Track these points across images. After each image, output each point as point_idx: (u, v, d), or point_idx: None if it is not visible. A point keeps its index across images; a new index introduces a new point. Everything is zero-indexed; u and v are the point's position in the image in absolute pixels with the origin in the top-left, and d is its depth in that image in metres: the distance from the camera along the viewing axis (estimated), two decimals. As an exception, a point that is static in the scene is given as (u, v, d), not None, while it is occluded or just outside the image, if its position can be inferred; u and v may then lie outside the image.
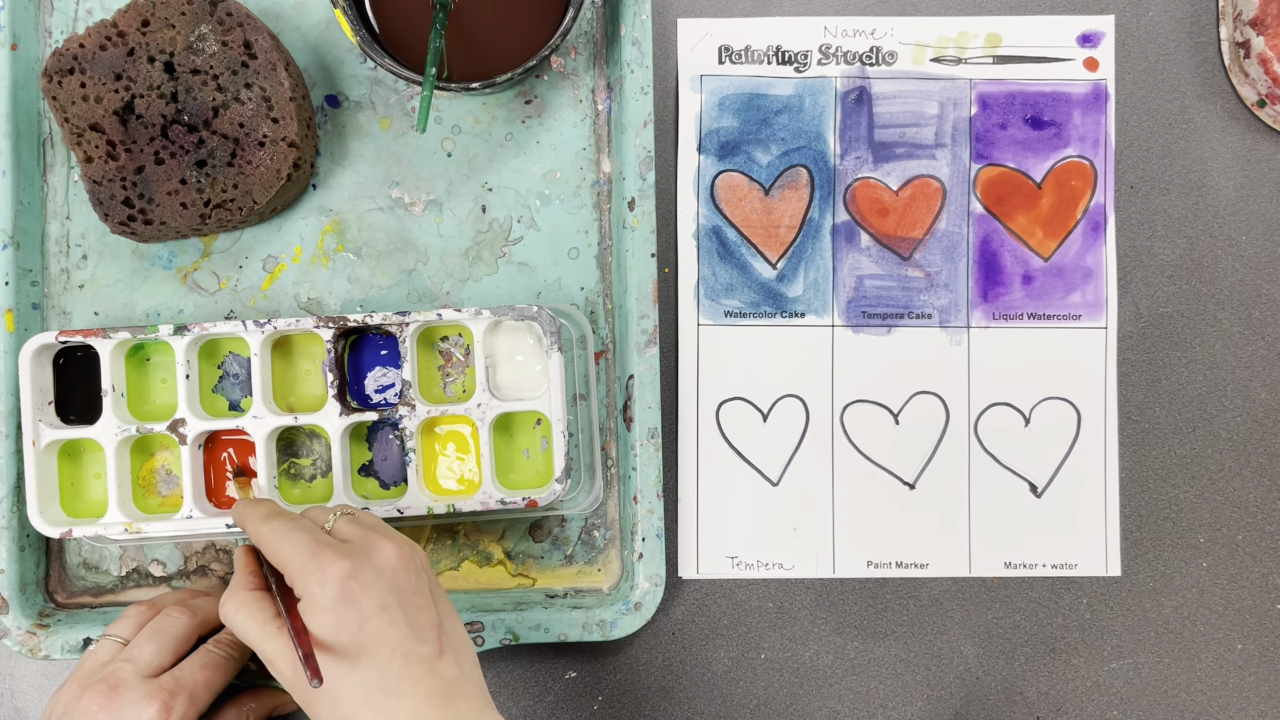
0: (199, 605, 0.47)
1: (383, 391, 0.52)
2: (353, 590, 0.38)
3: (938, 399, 0.54)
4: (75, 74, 0.48)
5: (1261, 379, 0.54)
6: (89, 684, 0.43)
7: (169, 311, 0.52)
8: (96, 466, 0.51)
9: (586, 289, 0.53)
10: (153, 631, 0.46)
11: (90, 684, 0.43)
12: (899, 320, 0.54)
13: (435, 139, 0.53)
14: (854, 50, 0.54)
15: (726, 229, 0.54)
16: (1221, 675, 0.54)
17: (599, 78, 0.53)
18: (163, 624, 0.46)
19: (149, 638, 0.45)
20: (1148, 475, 0.54)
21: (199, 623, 0.47)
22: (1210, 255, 0.55)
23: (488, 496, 0.49)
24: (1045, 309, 0.54)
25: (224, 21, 0.48)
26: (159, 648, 0.45)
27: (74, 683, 0.44)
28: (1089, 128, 0.54)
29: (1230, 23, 0.54)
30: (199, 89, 0.48)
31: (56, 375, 0.50)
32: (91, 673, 0.44)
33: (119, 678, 0.43)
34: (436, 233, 0.53)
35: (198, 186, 0.48)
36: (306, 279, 0.53)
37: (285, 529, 0.41)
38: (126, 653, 0.45)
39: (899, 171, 0.54)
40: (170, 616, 0.46)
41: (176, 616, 0.46)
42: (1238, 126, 0.55)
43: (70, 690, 0.44)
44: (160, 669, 0.44)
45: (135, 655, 0.44)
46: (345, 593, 0.38)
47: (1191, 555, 0.54)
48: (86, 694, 0.43)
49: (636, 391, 0.50)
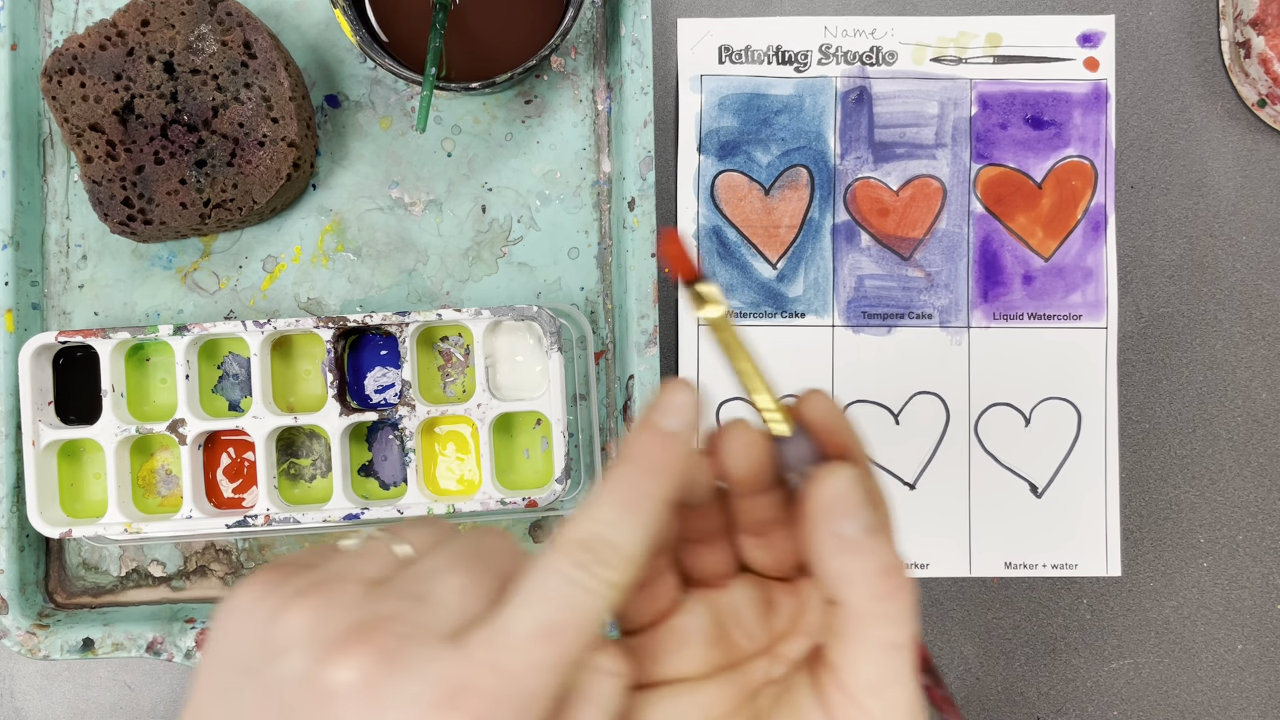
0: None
1: (382, 392, 0.52)
2: None
3: (938, 399, 0.54)
4: (75, 74, 0.48)
5: (1262, 379, 0.54)
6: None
7: (169, 312, 0.52)
8: (96, 467, 0.51)
9: (586, 289, 0.53)
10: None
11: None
12: (899, 320, 0.54)
13: (435, 139, 0.53)
14: (854, 50, 0.54)
15: (726, 229, 0.54)
16: (1222, 675, 0.54)
17: (599, 77, 0.53)
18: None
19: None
20: (1148, 475, 0.54)
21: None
22: (1211, 255, 0.55)
23: (487, 497, 0.49)
24: (1046, 309, 0.54)
25: (224, 21, 0.48)
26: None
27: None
28: (1089, 128, 0.54)
29: (1231, 22, 0.54)
30: (199, 89, 0.48)
31: (56, 375, 0.50)
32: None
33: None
34: (436, 233, 0.53)
35: (197, 186, 0.48)
36: (306, 279, 0.52)
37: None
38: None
39: (899, 171, 0.54)
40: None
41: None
42: (1238, 126, 0.55)
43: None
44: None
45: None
46: None
47: (1192, 555, 0.54)
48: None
49: (636, 392, 0.50)
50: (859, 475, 0.27)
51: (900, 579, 0.26)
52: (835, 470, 0.27)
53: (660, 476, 0.27)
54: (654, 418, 0.28)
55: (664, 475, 0.27)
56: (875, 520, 0.26)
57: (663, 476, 0.27)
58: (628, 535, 0.26)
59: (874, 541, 0.26)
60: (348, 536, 0.28)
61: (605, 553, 0.25)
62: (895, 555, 0.26)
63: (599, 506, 0.26)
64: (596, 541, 0.25)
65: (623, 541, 0.25)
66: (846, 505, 0.26)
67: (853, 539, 0.26)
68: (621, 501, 0.26)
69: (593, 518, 0.26)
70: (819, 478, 0.27)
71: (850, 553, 0.26)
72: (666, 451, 0.27)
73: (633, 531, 0.26)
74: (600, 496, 0.26)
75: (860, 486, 0.26)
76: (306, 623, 0.24)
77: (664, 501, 0.26)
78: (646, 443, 0.27)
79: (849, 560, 0.26)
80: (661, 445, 0.27)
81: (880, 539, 0.26)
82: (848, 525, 0.26)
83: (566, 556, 0.25)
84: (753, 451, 0.28)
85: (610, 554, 0.25)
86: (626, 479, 0.26)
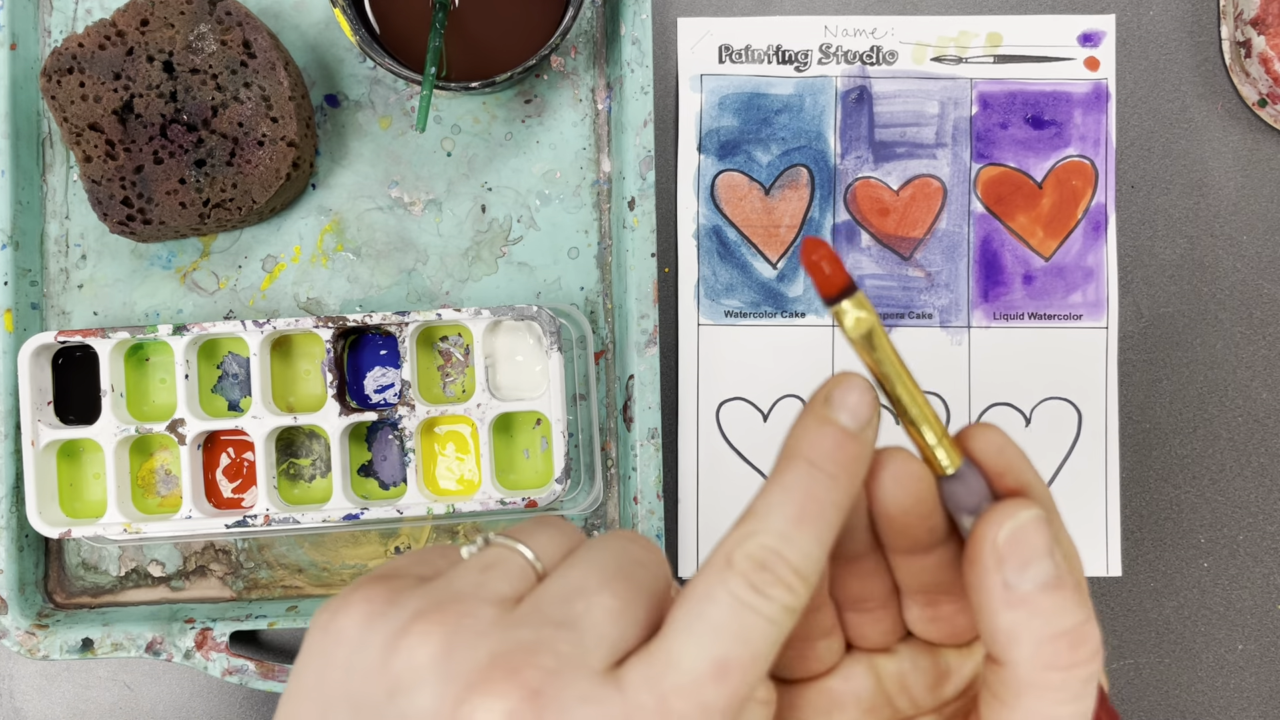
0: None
1: (382, 391, 0.52)
2: None
3: (938, 399, 0.54)
4: (74, 73, 0.48)
5: (1263, 379, 0.54)
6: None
7: (168, 311, 0.52)
8: (95, 467, 0.51)
9: (586, 289, 0.53)
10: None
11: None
12: (900, 320, 0.54)
13: (435, 138, 0.53)
14: (854, 49, 0.54)
15: (727, 229, 0.54)
16: (1223, 676, 0.54)
17: (599, 77, 0.53)
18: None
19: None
20: (1148, 475, 0.54)
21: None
22: (1211, 255, 0.55)
23: (487, 497, 0.49)
24: (1046, 309, 0.54)
25: (223, 21, 0.48)
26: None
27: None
28: (1090, 127, 0.54)
29: (1231, 22, 0.54)
30: (198, 88, 0.48)
31: (55, 375, 0.50)
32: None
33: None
34: (436, 232, 0.53)
35: (197, 186, 0.48)
36: (306, 279, 0.52)
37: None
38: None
39: (899, 171, 0.54)
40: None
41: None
42: (1239, 126, 0.55)
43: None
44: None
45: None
46: None
47: (1192, 556, 0.54)
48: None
49: (636, 392, 0.50)
50: (1042, 516, 0.23)
51: (1083, 649, 0.22)
52: (1012, 506, 0.23)
53: (841, 482, 0.22)
54: (829, 412, 0.23)
55: (845, 481, 0.23)
56: (1057, 573, 0.22)
57: (844, 482, 0.23)
58: (805, 552, 0.22)
59: (1053, 599, 0.22)
60: (464, 539, 0.24)
61: (783, 572, 0.21)
62: (1081, 618, 0.22)
63: (771, 517, 0.22)
64: (773, 559, 0.21)
65: (800, 559, 0.22)
66: (1023, 550, 0.22)
67: (1026, 593, 0.22)
68: (798, 512, 0.22)
69: (767, 529, 0.22)
70: (991, 515, 0.23)
71: (1022, 608, 0.22)
72: (845, 452, 0.23)
73: (811, 548, 0.22)
74: (771, 504, 0.22)
75: (1043, 530, 0.22)
76: (435, 653, 0.20)
77: (844, 513, 0.23)
78: (823, 440, 0.23)
79: (1019, 618, 0.22)
80: (840, 444, 0.23)
81: (1062, 596, 0.22)
82: (1022, 575, 0.22)
83: (737, 576, 0.21)
84: (917, 486, 0.24)
85: (789, 574, 0.21)
86: (801, 484, 0.22)
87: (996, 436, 0.25)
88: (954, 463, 0.24)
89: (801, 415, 0.23)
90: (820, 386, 0.24)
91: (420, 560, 0.24)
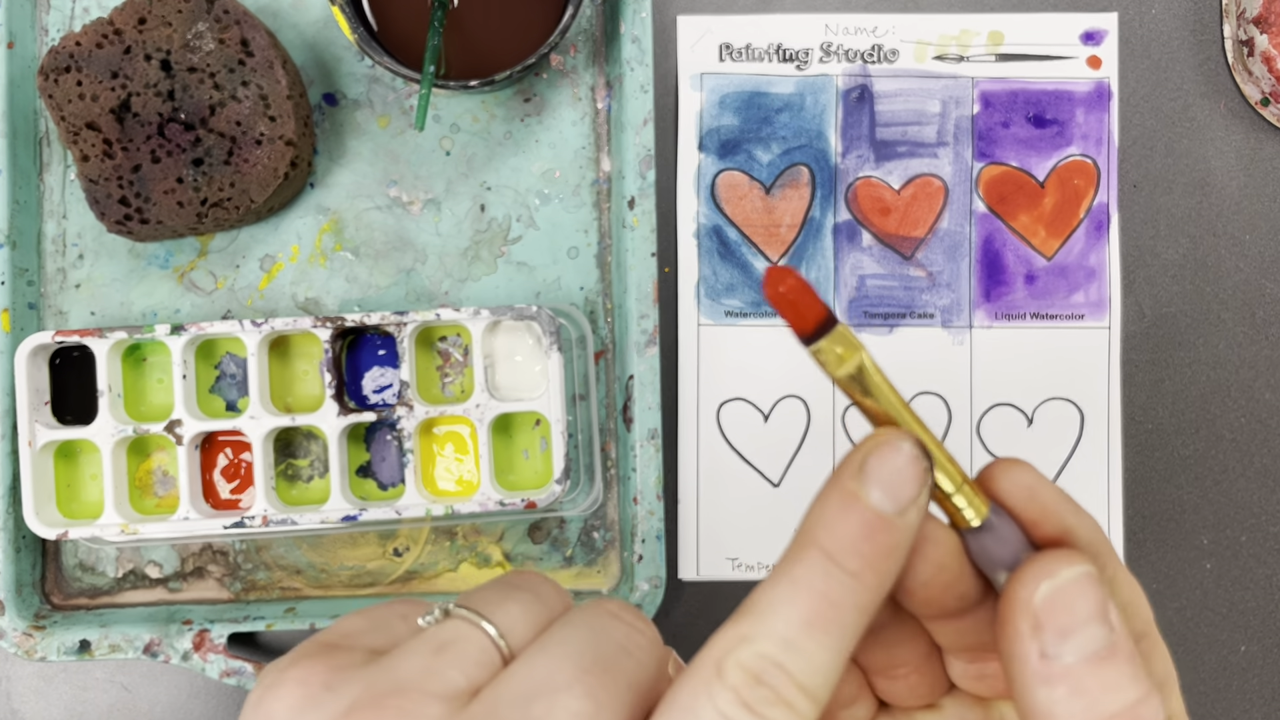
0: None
1: (381, 392, 0.52)
2: None
3: (940, 399, 0.54)
4: (71, 72, 0.48)
5: (1265, 379, 0.54)
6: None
7: (166, 311, 0.52)
8: (93, 467, 0.51)
9: (586, 289, 0.52)
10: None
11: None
12: (901, 320, 0.54)
13: (433, 137, 0.52)
14: (855, 48, 0.54)
15: (727, 228, 0.53)
16: (1225, 677, 0.54)
17: (598, 76, 0.53)
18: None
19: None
20: (1151, 476, 0.54)
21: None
22: (1214, 254, 0.54)
23: (486, 498, 0.48)
24: (1048, 309, 0.54)
25: (221, 19, 0.48)
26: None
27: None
28: (1092, 126, 0.54)
29: (1234, 21, 0.54)
30: (196, 87, 0.48)
31: (53, 375, 0.50)
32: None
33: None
34: (435, 232, 0.52)
35: (194, 185, 0.48)
36: (304, 278, 0.52)
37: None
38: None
39: (901, 170, 0.54)
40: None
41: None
42: (1241, 125, 0.54)
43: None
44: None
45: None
46: None
47: (1195, 557, 0.54)
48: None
49: (636, 392, 0.50)
50: (1090, 573, 0.19)
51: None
52: (1051, 561, 0.19)
53: (866, 582, 0.18)
54: (860, 486, 0.19)
55: (872, 580, 0.18)
56: (1109, 640, 0.18)
57: (870, 582, 0.18)
58: (815, 665, 0.18)
59: (1103, 673, 0.18)
60: (421, 607, 0.20)
61: (785, 689, 0.17)
62: (1136, 695, 0.18)
63: (774, 619, 0.18)
64: (772, 672, 0.17)
65: (807, 674, 0.18)
66: (1065, 615, 0.18)
67: (1068, 666, 0.18)
68: (807, 615, 0.18)
69: (767, 633, 0.18)
70: (1025, 572, 0.19)
71: (1061, 684, 0.18)
72: (875, 545, 0.18)
73: (822, 660, 0.18)
74: (775, 603, 0.18)
75: (1091, 588, 0.18)
76: None
77: (869, 617, 0.18)
78: (846, 527, 0.18)
79: (1058, 696, 0.18)
80: (869, 534, 0.18)
81: (1114, 669, 0.18)
82: (1063, 644, 0.18)
83: (728, 690, 0.17)
84: (936, 552, 0.20)
85: (792, 691, 0.17)
86: (814, 581, 0.18)
87: (1025, 475, 0.21)
88: (979, 513, 0.20)
89: (825, 487, 0.19)
90: (856, 447, 0.19)
91: (375, 625, 0.20)
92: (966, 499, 0.20)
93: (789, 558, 0.19)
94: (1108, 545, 0.21)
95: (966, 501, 0.20)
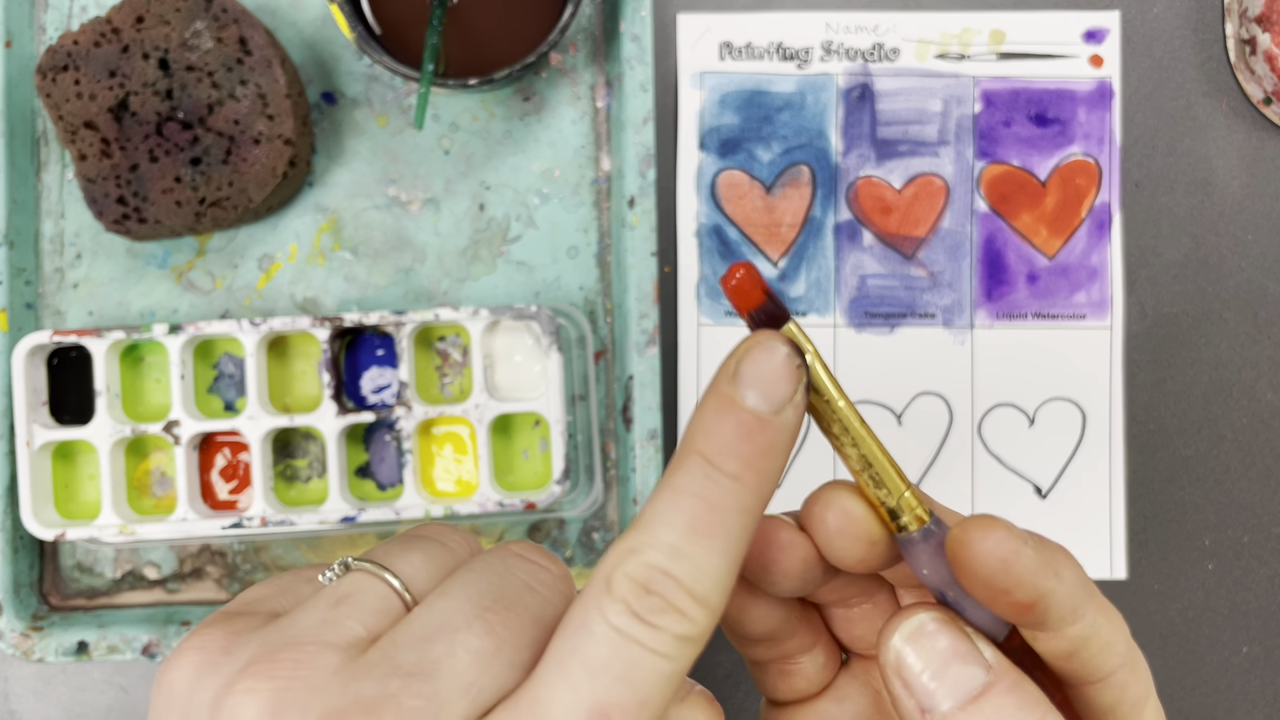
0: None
1: (379, 392, 0.51)
2: None
3: (941, 400, 0.53)
4: (69, 71, 0.47)
5: (1267, 379, 0.54)
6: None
7: (164, 311, 0.52)
8: (90, 468, 0.51)
9: (586, 288, 0.52)
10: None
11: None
12: (902, 320, 0.53)
13: (433, 136, 0.52)
14: (856, 47, 0.53)
15: (727, 227, 0.53)
16: (1227, 678, 0.54)
17: (598, 74, 0.53)
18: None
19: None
20: (1153, 477, 0.54)
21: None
22: (1216, 254, 0.54)
23: (486, 499, 0.48)
24: (1050, 308, 0.54)
25: (219, 18, 0.47)
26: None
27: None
28: (1094, 125, 0.54)
29: (1236, 19, 0.54)
30: (194, 86, 0.47)
31: (50, 375, 0.50)
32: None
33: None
34: (434, 231, 0.52)
35: (192, 184, 0.48)
36: (302, 278, 0.52)
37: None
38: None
39: (902, 169, 0.53)
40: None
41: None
42: (1244, 124, 0.54)
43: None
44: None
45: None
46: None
47: (1197, 558, 0.54)
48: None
49: (636, 392, 0.50)
50: (936, 618, 0.18)
51: None
52: (897, 618, 0.19)
53: (747, 482, 0.18)
54: (734, 389, 0.18)
55: (753, 481, 0.18)
56: (980, 678, 0.18)
57: (751, 482, 0.18)
58: (702, 569, 0.18)
59: (981, 713, 0.17)
60: (326, 564, 0.20)
61: (674, 595, 0.17)
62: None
63: (660, 526, 0.18)
64: (660, 580, 0.17)
65: (695, 578, 0.18)
66: (928, 661, 0.18)
67: (946, 714, 0.18)
68: (693, 520, 0.18)
69: (652, 543, 0.18)
70: (882, 635, 0.19)
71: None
72: (752, 445, 0.18)
73: (709, 563, 0.18)
74: (660, 511, 0.18)
75: (943, 631, 0.18)
76: (260, 713, 0.17)
77: (755, 518, 0.19)
78: (722, 429, 0.18)
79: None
80: (745, 434, 0.18)
81: (993, 702, 0.17)
82: (936, 696, 0.18)
83: (617, 602, 0.17)
84: (866, 541, 0.20)
85: (681, 597, 0.17)
86: (694, 487, 0.18)
87: (999, 547, 0.19)
88: (919, 521, 0.20)
89: (704, 395, 0.19)
90: (731, 352, 0.19)
91: (281, 589, 0.20)
92: (908, 508, 0.20)
93: (671, 467, 0.18)
94: (1085, 595, 0.20)
95: (907, 510, 0.20)
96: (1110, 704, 0.20)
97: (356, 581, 0.19)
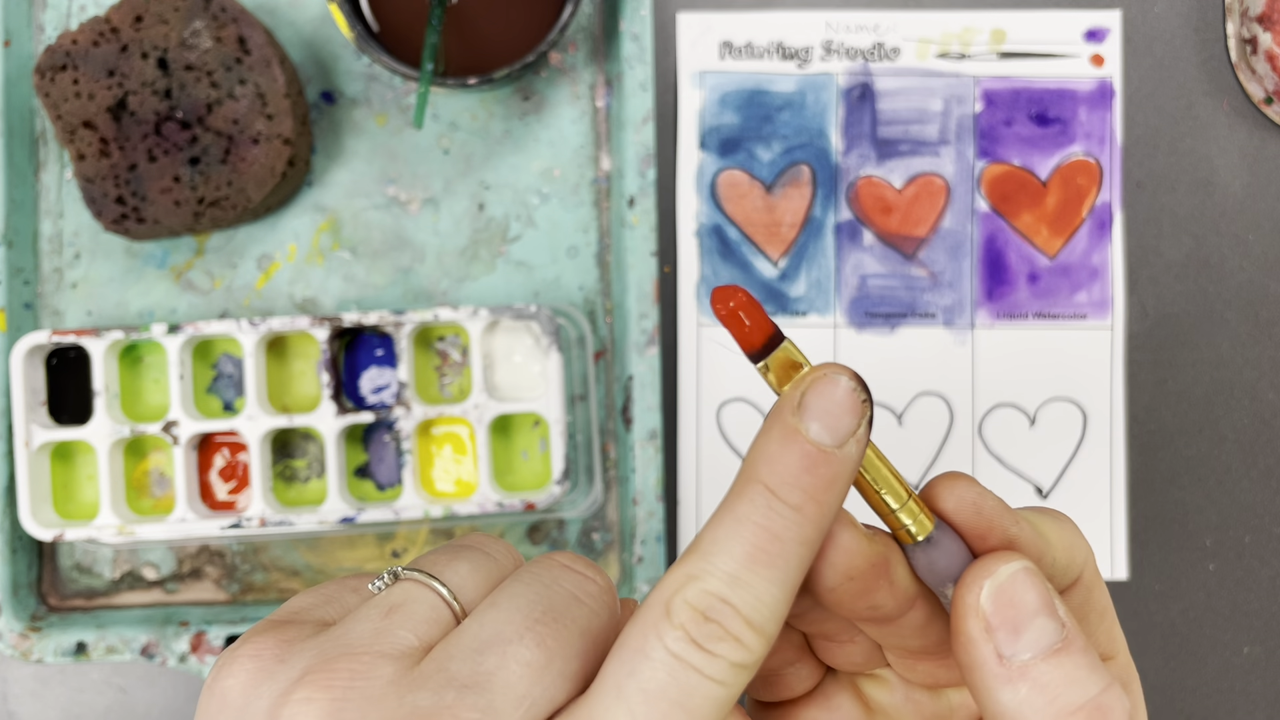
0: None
1: (379, 392, 0.51)
2: None
3: (942, 400, 0.53)
4: (68, 70, 0.47)
5: (1269, 379, 0.54)
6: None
7: (162, 311, 0.52)
8: (89, 468, 0.51)
9: (585, 288, 0.52)
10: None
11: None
12: (903, 319, 0.53)
13: (432, 136, 0.52)
14: (857, 46, 0.53)
15: (728, 227, 0.53)
16: (1228, 679, 0.53)
17: (598, 74, 0.53)
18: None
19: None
20: (1154, 477, 0.54)
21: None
22: (1217, 254, 0.54)
23: (485, 499, 0.48)
24: (1051, 308, 0.53)
25: (218, 17, 0.47)
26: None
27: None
28: (1095, 125, 0.54)
29: (1237, 19, 0.54)
30: (192, 85, 0.47)
31: (49, 375, 0.50)
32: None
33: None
34: (433, 231, 0.52)
35: (191, 184, 0.48)
36: (301, 278, 0.52)
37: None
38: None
39: (902, 169, 0.53)
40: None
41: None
42: (1245, 124, 0.54)
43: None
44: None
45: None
46: None
47: (1198, 558, 0.54)
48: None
49: (636, 392, 0.50)
50: (1029, 568, 0.19)
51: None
52: (991, 561, 0.19)
53: (808, 514, 0.18)
54: (799, 421, 0.19)
55: (814, 513, 0.18)
56: (1062, 633, 0.19)
57: (812, 514, 0.18)
58: (760, 599, 0.18)
59: (1060, 668, 0.18)
60: (372, 574, 0.21)
61: (733, 624, 0.18)
62: (1097, 687, 0.18)
63: (720, 554, 0.18)
64: (719, 608, 0.18)
65: (753, 608, 0.18)
66: (1013, 611, 0.19)
67: (1025, 664, 0.19)
68: (754, 549, 0.18)
69: (713, 570, 0.18)
70: (968, 576, 0.19)
71: (1023, 683, 0.18)
72: (815, 478, 0.18)
73: (767, 594, 0.18)
74: (719, 540, 0.18)
75: (1033, 582, 0.19)
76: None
77: (813, 550, 0.19)
78: (786, 461, 0.18)
79: (1022, 696, 0.18)
80: (808, 467, 0.18)
81: (1070, 662, 0.18)
82: (1017, 642, 0.19)
83: (676, 629, 0.18)
84: (846, 561, 0.20)
85: (739, 626, 0.18)
86: (757, 517, 0.18)
87: (968, 490, 0.21)
88: (924, 528, 0.20)
89: (766, 423, 0.19)
90: (795, 382, 0.19)
91: (327, 598, 0.21)
92: (911, 515, 0.20)
93: (733, 495, 0.19)
94: (1048, 545, 0.22)
95: (911, 518, 0.20)
96: (1078, 605, 0.21)
97: (407, 591, 0.20)
